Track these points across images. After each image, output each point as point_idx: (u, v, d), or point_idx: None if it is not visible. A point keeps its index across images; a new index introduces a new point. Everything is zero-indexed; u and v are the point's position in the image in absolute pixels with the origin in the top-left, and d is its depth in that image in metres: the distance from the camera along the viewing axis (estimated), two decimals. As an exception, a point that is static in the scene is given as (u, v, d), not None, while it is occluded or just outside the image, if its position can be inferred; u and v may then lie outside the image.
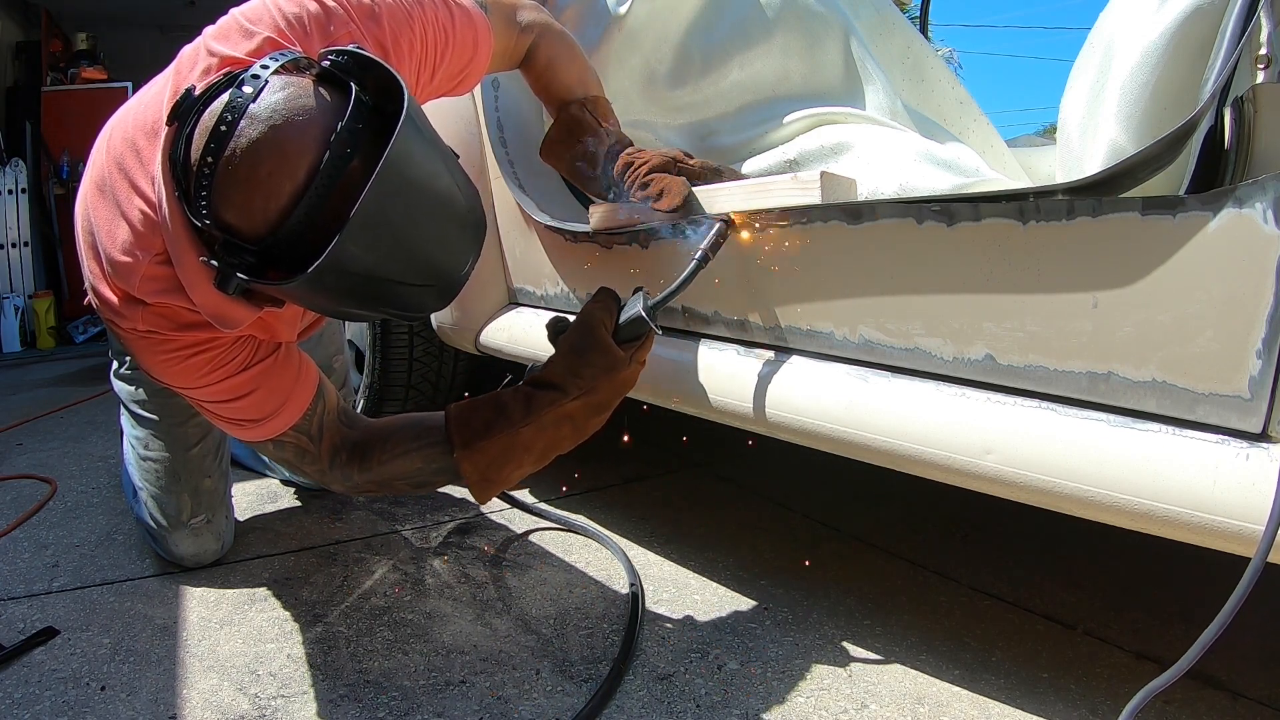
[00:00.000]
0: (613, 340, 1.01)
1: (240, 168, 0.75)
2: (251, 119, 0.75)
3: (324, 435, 1.11)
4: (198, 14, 5.43)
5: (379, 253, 0.78)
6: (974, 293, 0.84)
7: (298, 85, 0.79)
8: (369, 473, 1.10)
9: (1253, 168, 0.70)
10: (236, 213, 0.77)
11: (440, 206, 0.83)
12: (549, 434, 1.03)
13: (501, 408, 1.04)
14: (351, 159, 0.76)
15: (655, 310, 1.01)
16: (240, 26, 0.93)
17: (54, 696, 1.01)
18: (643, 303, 1.01)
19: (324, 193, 0.76)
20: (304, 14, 0.94)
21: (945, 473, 0.88)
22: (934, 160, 1.18)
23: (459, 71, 1.12)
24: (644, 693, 1.01)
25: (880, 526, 1.53)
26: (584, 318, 1.02)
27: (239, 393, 1.03)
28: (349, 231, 0.74)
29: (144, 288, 0.92)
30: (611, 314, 1.02)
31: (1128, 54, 0.87)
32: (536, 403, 1.02)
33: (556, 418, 1.02)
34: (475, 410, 1.05)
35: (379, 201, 0.75)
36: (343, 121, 0.76)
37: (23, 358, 4.63)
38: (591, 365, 1.01)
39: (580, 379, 1.01)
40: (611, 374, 1.01)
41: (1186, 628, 1.14)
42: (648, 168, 1.12)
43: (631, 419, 1.21)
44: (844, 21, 1.44)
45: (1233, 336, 0.67)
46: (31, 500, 1.74)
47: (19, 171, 5.15)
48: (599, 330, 1.01)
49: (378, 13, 0.99)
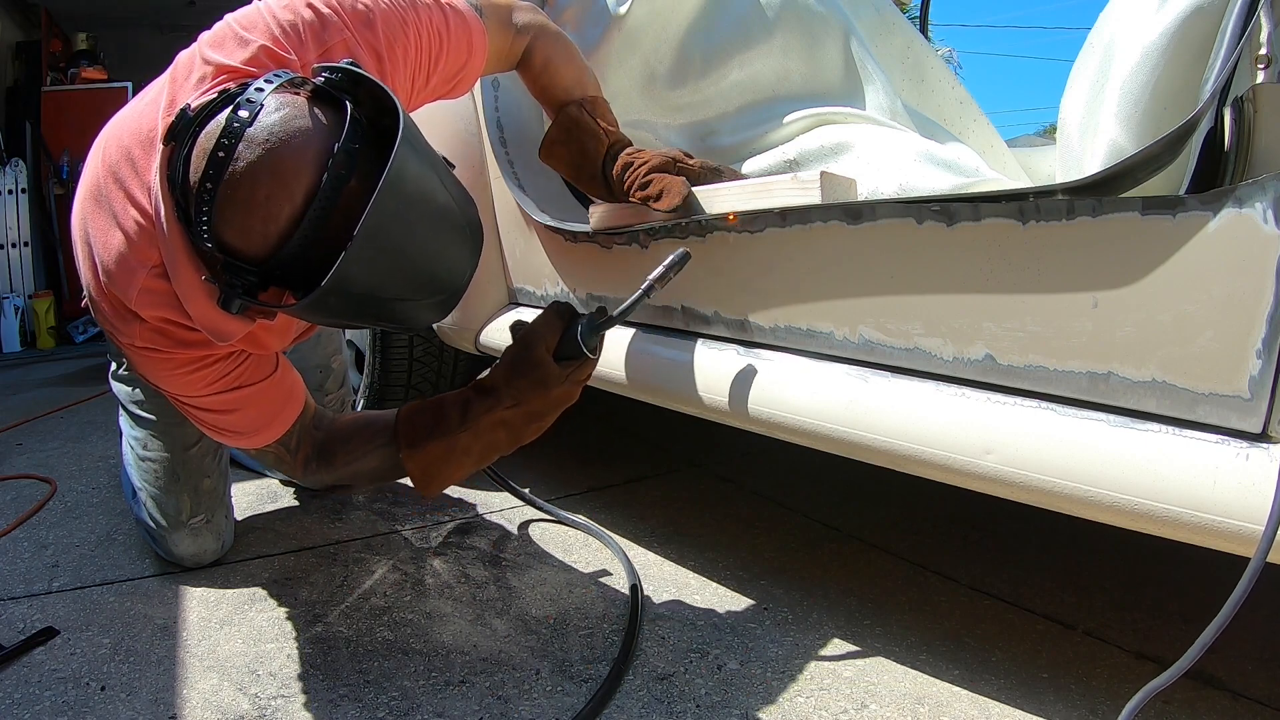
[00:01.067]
0: (549, 358, 1.03)
1: (239, 192, 0.76)
2: (249, 142, 0.76)
3: (300, 447, 1.15)
4: (198, 14, 5.44)
5: (380, 272, 0.79)
6: (974, 293, 0.84)
7: (293, 106, 0.79)
8: (335, 472, 1.16)
9: (1253, 168, 0.70)
10: (237, 235, 0.78)
11: (439, 222, 0.84)
12: (485, 438, 1.07)
13: (442, 412, 1.07)
14: (349, 179, 0.77)
15: (593, 336, 1.04)
16: (235, 34, 0.93)
17: (54, 696, 1.01)
18: (584, 326, 1.04)
19: (323, 214, 0.77)
20: (299, 21, 0.94)
21: (945, 473, 0.88)
22: (934, 160, 1.18)
23: (454, 75, 1.13)
24: (644, 693, 1.01)
25: (880, 526, 1.53)
26: (526, 331, 1.06)
27: (232, 407, 1.05)
28: (350, 254, 0.75)
29: (141, 300, 0.93)
30: (555, 331, 1.05)
31: (1128, 54, 0.87)
32: (473, 409, 1.06)
33: (491, 424, 1.06)
34: (421, 413, 1.09)
35: (379, 223, 0.76)
36: (339, 142, 0.77)
37: (23, 358, 4.63)
38: (523, 379, 1.04)
39: (513, 389, 1.04)
40: (543, 389, 1.04)
41: (1186, 628, 1.14)
42: (647, 168, 1.12)
43: (632, 419, 1.21)
44: (844, 21, 1.44)
45: (1233, 336, 0.67)
46: (31, 500, 1.74)
47: (19, 171, 5.15)
48: (537, 347, 1.04)
49: (372, 19, 0.99)
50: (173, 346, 0.97)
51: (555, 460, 1.92)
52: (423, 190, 0.81)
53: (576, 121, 1.20)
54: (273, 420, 1.09)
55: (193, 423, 1.10)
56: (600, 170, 1.19)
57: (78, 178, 1.03)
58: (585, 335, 1.04)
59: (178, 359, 0.98)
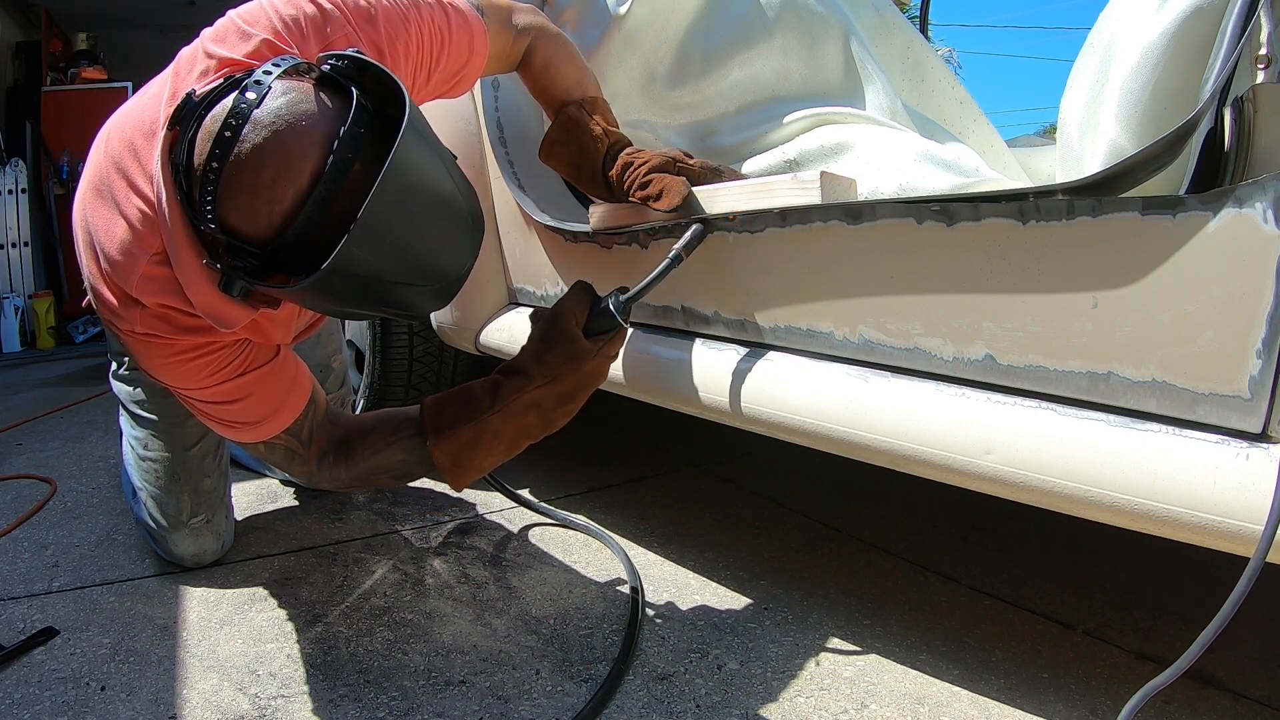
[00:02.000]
0: (580, 332, 1.04)
1: (245, 172, 0.76)
2: (255, 124, 0.76)
3: (314, 439, 1.13)
4: (198, 14, 5.44)
5: (383, 256, 0.79)
6: (974, 293, 0.84)
7: (300, 90, 0.79)
8: (354, 468, 1.13)
9: (1253, 168, 0.70)
10: (241, 216, 0.78)
11: (442, 209, 0.84)
12: (516, 421, 1.06)
13: (470, 397, 1.07)
14: (354, 163, 0.77)
15: (625, 306, 1.05)
16: (238, 28, 0.93)
17: (54, 696, 1.01)
18: (614, 298, 1.05)
19: (328, 197, 0.77)
20: (300, 16, 0.95)
21: (945, 473, 0.88)
22: (934, 160, 1.18)
23: (455, 74, 1.13)
24: (644, 693, 1.01)
25: (880, 526, 1.53)
26: (555, 309, 1.06)
27: (235, 396, 1.04)
28: (354, 236, 0.75)
29: (142, 287, 0.92)
30: (584, 307, 1.05)
31: (1128, 54, 0.87)
32: (503, 390, 1.05)
33: (523, 405, 1.05)
34: (448, 401, 1.09)
35: (383, 206, 0.76)
36: (345, 126, 0.77)
37: (23, 358, 4.63)
38: (556, 354, 1.04)
39: (545, 366, 1.04)
40: (576, 364, 1.04)
41: (1186, 627, 1.14)
42: (647, 168, 1.12)
43: (632, 419, 1.21)
44: (844, 21, 1.44)
45: (1233, 336, 0.67)
46: (31, 500, 1.74)
47: (19, 171, 5.15)
48: (567, 321, 1.04)
49: (374, 15, 1.00)
50: (174, 333, 0.96)
51: (555, 460, 1.92)
52: (426, 177, 0.81)
53: (576, 122, 1.20)
54: (280, 408, 1.07)
55: (198, 417, 1.09)
56: (600, 170, 1.19)
57: (78, 178, 1.04)
58: (621, 306, 1.04)
59: (179, 345, 0.98)
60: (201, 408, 1.06)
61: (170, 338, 0.97)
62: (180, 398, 1.06)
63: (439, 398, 1.10)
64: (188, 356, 0.99)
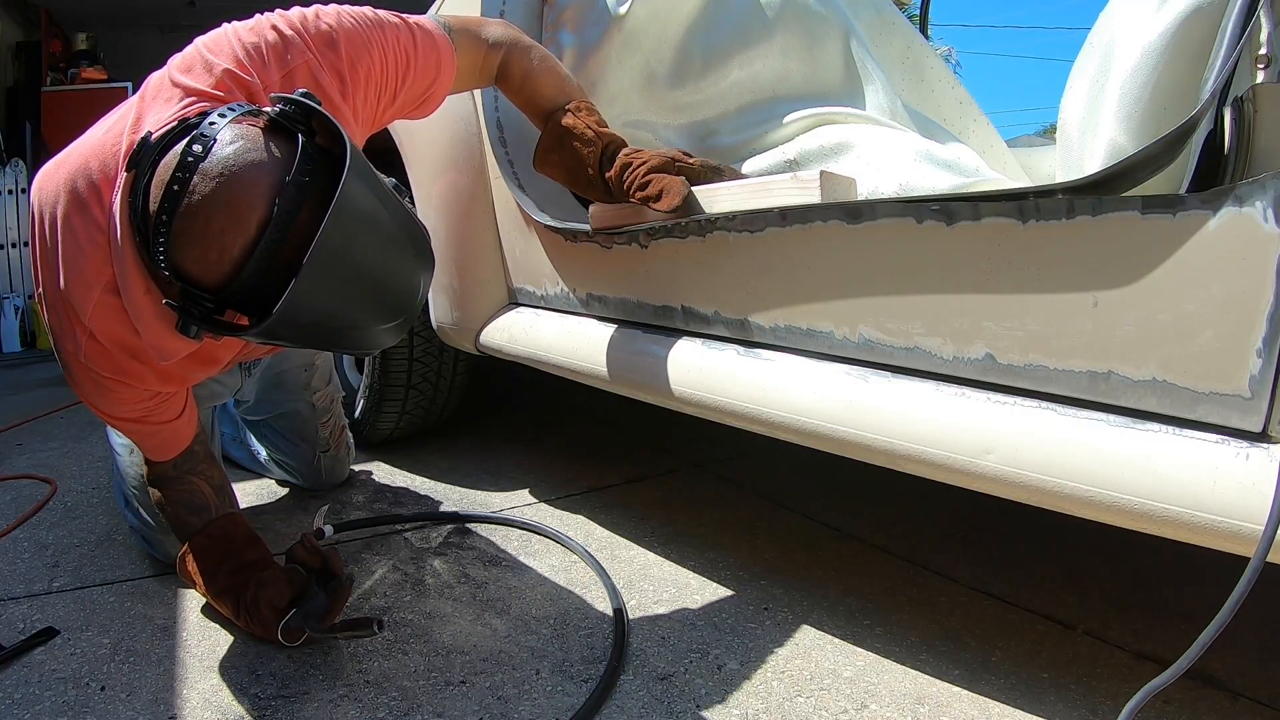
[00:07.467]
0: (281, 620, 1.08)
1: (194, 224, 0.79)
2: (203, 175, 0.79)
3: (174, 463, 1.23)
4: (198, 14, 5.45)
5: (330, 300, 0.82)
6: (974, 292, 0.84)
7: (247, 139, 0.82)
8: (158, 496, 1.24)
9: (1253, 167, 0.70)
10: (193, 265, 0.81)
11: (386, 249, 0.86)
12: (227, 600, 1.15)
13: (231, 551, 1.19)
14: (299, 212, 0.80)
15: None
16: (202, 59, 0.96)
17: (54, 696, 1.01)
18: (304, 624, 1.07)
19: (275, 245, 0.80)
20: (262, 44, 0.98)
21: (945, 473, 0.88)
22: (934, 160, 1.18)
23: (422, 93, 1.16)
24: (644, 693, 1.01)
25: (880, 526, 1.53)
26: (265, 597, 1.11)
27: (136, 431, 1.15)
28: (299, 284, 0.77)
29: (95, 315, 0.95)
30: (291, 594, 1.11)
31: (1128, 54, 0.87)
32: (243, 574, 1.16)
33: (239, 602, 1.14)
34: (226, 539, 1.20)
35: (325, 254, 0.78)
36: (289, 176, 0.80)
37: (23, 358, 4.63)
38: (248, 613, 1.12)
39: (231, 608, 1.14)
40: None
41: (1186, 628, 1.14)
42: (646, 168, 1.12)
43: (631, 420, 1.21)
44: (844, 21, 1.44)
45: (1233, 335, 0.67)
46: (31, 500, 1.74)
47: (19, 171, 5.15)
48: (265, 611, 1.10)
49: (335, 39, 1.02)
50: (118, 351, 0.99)
51: (555, 460, 1.92)
52: (369, 221, 0.83)
53: (567, 128, 1.20)
54: (163, 451, 1.20)
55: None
56: (597, 173, 1.18)
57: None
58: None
59: (117, 364, 1.00)
60: (116, 424, 1.14)
61: (114, 356, 0.99)
62: (95, 411, 1.11)
63: (225, 533, 1.20)
64: (120, 382, 1.02)
